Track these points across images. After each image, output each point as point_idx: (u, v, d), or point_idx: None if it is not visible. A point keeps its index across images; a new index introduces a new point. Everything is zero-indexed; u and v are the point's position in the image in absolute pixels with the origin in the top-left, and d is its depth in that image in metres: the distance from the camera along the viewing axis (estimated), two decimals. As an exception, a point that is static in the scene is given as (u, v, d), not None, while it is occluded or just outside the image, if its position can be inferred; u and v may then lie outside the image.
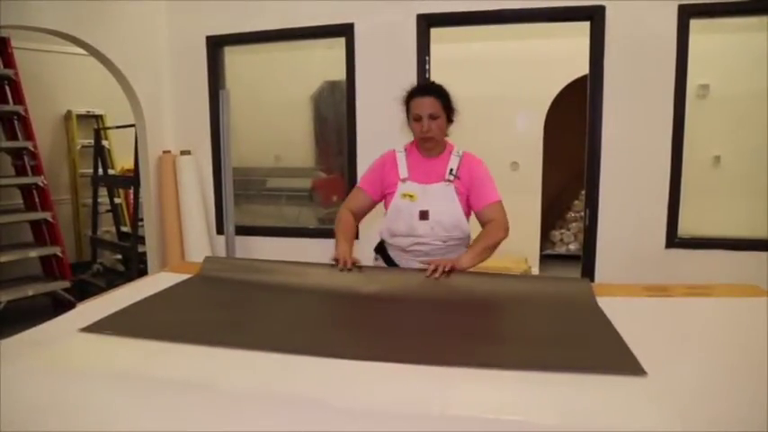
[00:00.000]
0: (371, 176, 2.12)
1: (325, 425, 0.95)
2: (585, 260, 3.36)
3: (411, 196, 1.99)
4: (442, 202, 1.98)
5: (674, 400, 0.97)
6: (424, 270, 1.80)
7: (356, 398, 1.05)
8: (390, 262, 2.12)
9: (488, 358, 1.18)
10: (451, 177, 1.99)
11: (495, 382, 1.09)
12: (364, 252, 2.19)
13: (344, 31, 3.54)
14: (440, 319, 1.49)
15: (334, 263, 1.89)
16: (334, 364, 1.18)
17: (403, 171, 2.04)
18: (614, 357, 1.18)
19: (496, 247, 1.94)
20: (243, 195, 4.17)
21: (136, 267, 4.47)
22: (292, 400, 1.04)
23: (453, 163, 2.01)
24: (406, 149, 2.10)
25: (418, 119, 1.97)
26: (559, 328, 1.41)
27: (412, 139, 2.12)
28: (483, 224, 2.01)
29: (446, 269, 1.77)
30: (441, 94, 2.01)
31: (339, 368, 1.17)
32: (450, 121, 2.03)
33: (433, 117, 1.97)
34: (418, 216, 1.98)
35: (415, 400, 1.03)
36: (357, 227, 2.15)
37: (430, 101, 1.98)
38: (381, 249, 2.17)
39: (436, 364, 1.16)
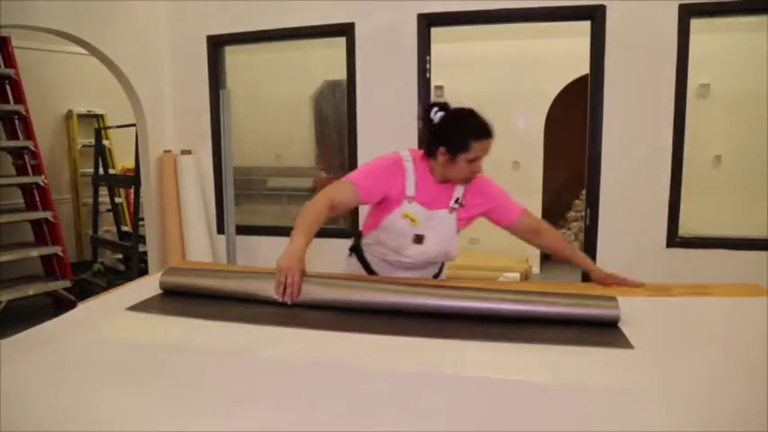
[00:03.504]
0: (372, 182, 1.86)
1: (355, 384, 1.10)
2: (586, 260, 3.36)
3: (413, 220, 1.86)
4: (441, 230, 1.89)
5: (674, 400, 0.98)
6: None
7: (380, 363, 1.21)
8: (366, 264, 2.03)
9: (496, 335, 1.35)
10: (456, 206, 1.89)
11: (501, 352, 1.27)
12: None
13: (345, 30, 3.54)
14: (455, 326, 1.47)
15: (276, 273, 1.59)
16: (358, 337, 1.33)
17: (410, 188, 1.86)
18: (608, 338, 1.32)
19: None
20: (244, 195, 4.17)
21: (136, 267, 4.48)
22: (324, 364, 1.19)
23: (459, 191, 1.90)
24: (414, 160, 1.91)
25: (473, 160, 1.85)
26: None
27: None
28: (525, 233, 1.98)
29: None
30: (492, 135, 1.92)
31: (363, 340, 1.32)
32: None
33: (481, 158, 1.89)
34: (412, 239, 1.89)
35: (432, 364, 1.20)
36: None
37: (490, 143, 1.88)
38: (357, 249, 2.06)
39: (450, 338, 1.33)
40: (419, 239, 1.88)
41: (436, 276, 2.07)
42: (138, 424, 0.93)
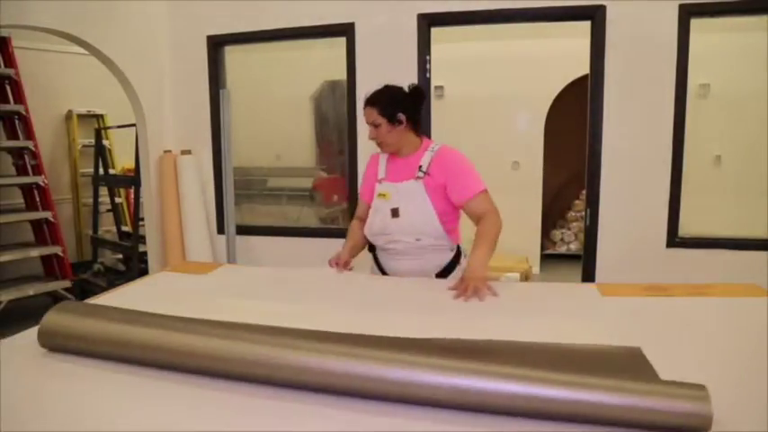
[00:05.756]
0: (364, 184, 2.21)
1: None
2: (586, 260, 3.36)
3: (384, 195, 2.03)
4: (412, 199, 1.98)
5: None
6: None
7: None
8: (378, 262, 2.14)
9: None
10: (421, 174, 1.99)
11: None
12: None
13: (345, 30, 3.54)
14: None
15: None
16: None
17: (381, 172, 2.11)
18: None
19: (497, 238, 1.92)
20: (244, 195, 4.17)
21: (137, 267, 4.48)
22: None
23: (425, 159, 2.01)
24: None
25: (369, 125, 2.06)
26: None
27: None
28: (472, 217, 1.99)
29: (476, 294, 1.68)
30: (375, 102, 2.03)
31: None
32: (393, 122, 2.01)
33: (374, 125, 2.02)
34: (390, 214, 2.00)
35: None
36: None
37: (367, 111, 2.04)
38: (372, 247, 2.18)
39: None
40: (395, 212, 2.00)
41: (450, 268, 2.05)
42: None
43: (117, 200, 5.44)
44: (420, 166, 2.00)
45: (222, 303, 1.71)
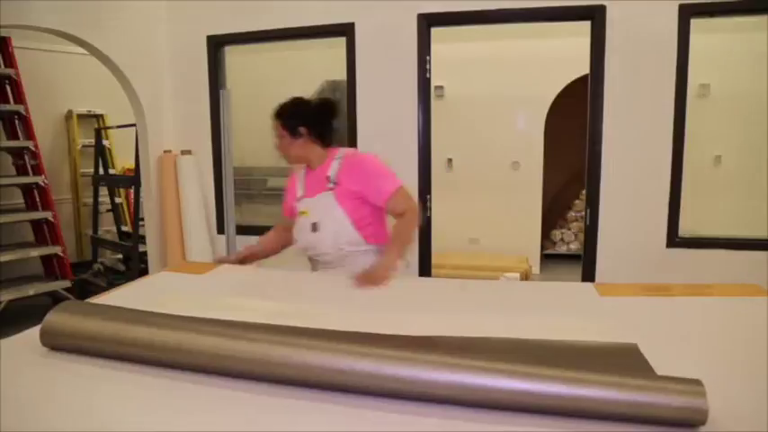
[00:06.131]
0: (285, 201, 2.25)
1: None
2: (586, 260, 3.36)
3: (305, 213, 2.07)
4: (326, 211, 2.02)
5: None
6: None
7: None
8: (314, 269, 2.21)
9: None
10: (331, 185, 2.02)
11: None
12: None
13: (345, 30, 3.54)
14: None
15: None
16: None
17: (300, 189, 2.14)
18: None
19: (412, 234, 2.04)
20: (244, 195, 4.17)
21: (137, 267, 4.48)
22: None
23: (332, 169, 2.04)
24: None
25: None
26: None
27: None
28: (390, 212, 2.06)
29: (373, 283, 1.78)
30: (279, 115, 2.07)
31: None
32: (294, 135, 2.05)
33: (278, 137, 2.08)
34: (311, 228, 2.04)
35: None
36: (280, 243, 2.28)
37: (273, 123, 2.09)
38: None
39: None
40: (315, 227, 2.03)
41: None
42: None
43: (117, 200, 5.45)
44: (328, 177, 2.03)
45: (222, 303, 1.71)
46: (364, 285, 1.78)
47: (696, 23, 3.06)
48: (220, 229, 3.97)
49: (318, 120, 2.08)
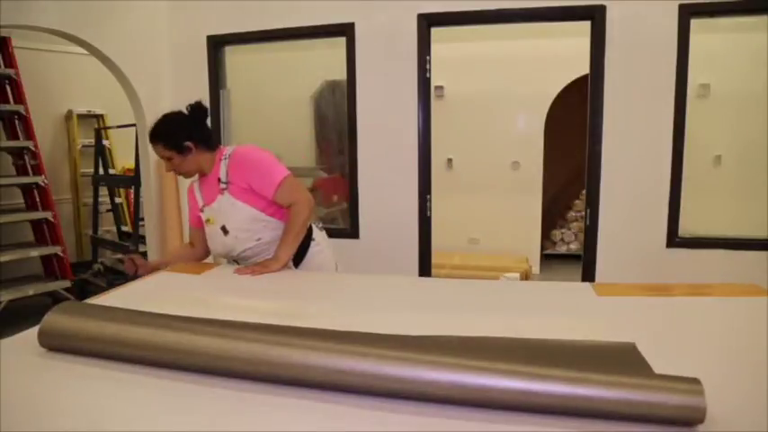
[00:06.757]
0: (189, 213, 2.25)
1: None
2: (586, 260, 3.36)
3: (209, 220, 2.08)
4: (228, 212, 2.02)
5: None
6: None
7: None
8: None
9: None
10: (224, 185, 2.03)
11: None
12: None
13: (345, 30, 3.54)
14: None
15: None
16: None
17: (199, 199, 2.12)
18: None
19: (306, 225, 2.04)
20: (243, 195, 4.16)
21: (136, 267, 4.47)
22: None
23: (222, 170, 2.03)
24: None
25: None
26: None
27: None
28: (284, 207, 2.05)
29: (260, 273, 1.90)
30: (158, 137, 2.01)
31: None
32: (183, 152, 2.01)
33: (166, 158, 2.03)
34: (222, 233, 2.05)
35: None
36: (192, 255, 2.26)
37: (153, 146, 2.03)
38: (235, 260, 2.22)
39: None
40: (225, 230, 2.05)
41: (303, 249, 2.12)
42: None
43: (117, 200, 5.45)
44: (219, 179, 2.03)
45: (222, 303, 1.71)
46: (246, 273, 1.89)
47: (696, 23, 3.06)
48: (220, 229, 3.97)
49: (198, 128, 2.05)
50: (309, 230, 2.15)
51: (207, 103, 3.80)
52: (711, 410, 0.88)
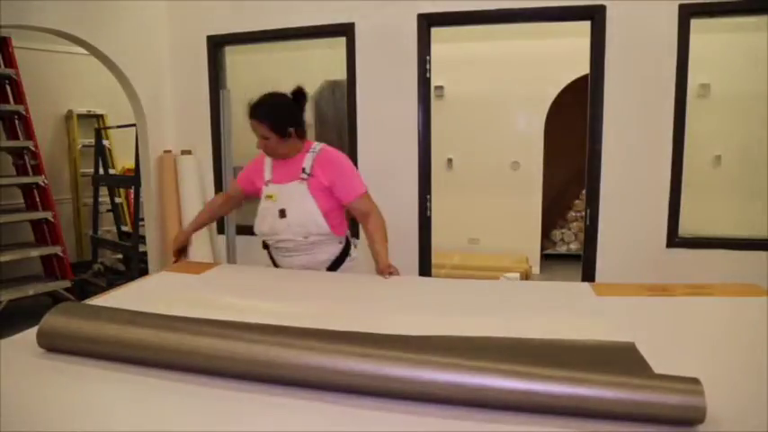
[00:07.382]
0: (245, 173, 2.30)
1: None
2: (586, 260, 3.36)
3: (271, 197, 2.11)
4: (297, 199, 2.07)
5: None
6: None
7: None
8: (272, 258, 2.25)
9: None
10: (305, 176, 2.07)
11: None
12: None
13: (345, 30, 3.54)
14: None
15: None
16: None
17: (267, 174, 2.16)
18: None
19: (386, 232, 2.15)
20: (243, 195, 4.16)
21: (137, 267, 4.48)
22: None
23: (307, 161, 2.09)
24: None
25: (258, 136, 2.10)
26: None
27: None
28: (356, 214, 2.14)
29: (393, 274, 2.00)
30: (264, 117, 2.06)
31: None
32: (284, 137, 2.06)
33: (263, 137, 2.07)
34: (278, 215, 2.08)
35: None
36: (225, 212, 2.63)
37: (254, 124, 2.07)
38: (266, 245, 2.28)
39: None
40: (282, 213, 2.08)
41: (340, 259, 2.18)
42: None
43: (117, 200, 5.44)
44: (303, 169, 2.08)
45: (222, 303, 1.71)
46: (391, 274, 1.98)
47: (696, 23, 3.06)
48: (220, 230, 3.97)
49: (300, 114, 2.13)
50: (347, 245, 2.22)
51: (206, 103, 3.86)
52: (710, 410, 0.89)
